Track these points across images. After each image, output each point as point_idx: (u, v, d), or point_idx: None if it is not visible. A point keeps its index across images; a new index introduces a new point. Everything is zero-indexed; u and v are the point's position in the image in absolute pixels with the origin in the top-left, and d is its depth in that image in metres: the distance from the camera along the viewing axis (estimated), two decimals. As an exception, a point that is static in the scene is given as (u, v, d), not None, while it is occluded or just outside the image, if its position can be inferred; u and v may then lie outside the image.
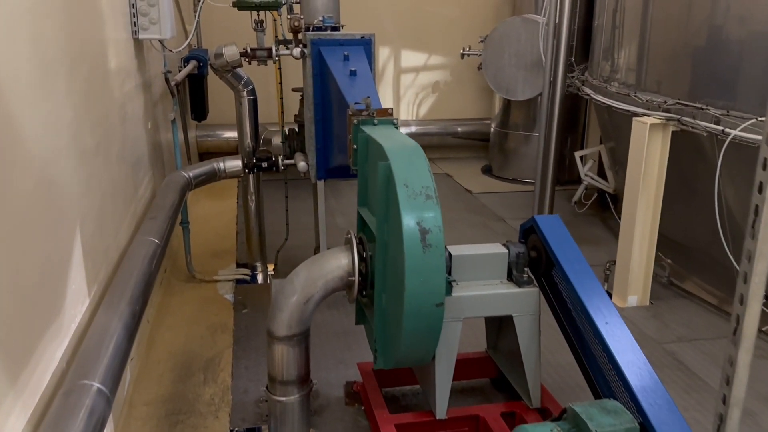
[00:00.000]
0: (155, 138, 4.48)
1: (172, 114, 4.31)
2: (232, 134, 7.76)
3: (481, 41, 7.64)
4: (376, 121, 3.16)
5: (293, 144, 7.38)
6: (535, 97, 7.17)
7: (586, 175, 6.14)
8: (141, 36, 3.84)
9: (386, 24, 8.22)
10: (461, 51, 7.83)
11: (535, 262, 3.03)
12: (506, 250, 3.02)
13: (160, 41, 4.06)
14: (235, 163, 4.54)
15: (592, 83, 5.39)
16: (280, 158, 4.60)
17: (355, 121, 3.14)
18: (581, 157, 6.38)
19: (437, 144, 8.59)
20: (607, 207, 6.34)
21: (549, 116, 5.20)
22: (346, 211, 6.45)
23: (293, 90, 7.10)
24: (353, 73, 3.74)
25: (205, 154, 8.05)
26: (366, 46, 4.23)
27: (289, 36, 4.32)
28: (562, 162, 7.60)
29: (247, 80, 4.63)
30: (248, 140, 4.81)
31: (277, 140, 7.45)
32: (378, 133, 3.00)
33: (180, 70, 5.95)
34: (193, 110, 6.67)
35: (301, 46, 4.16)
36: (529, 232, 3.13)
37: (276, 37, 4.46)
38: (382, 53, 8.36)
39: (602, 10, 5.56)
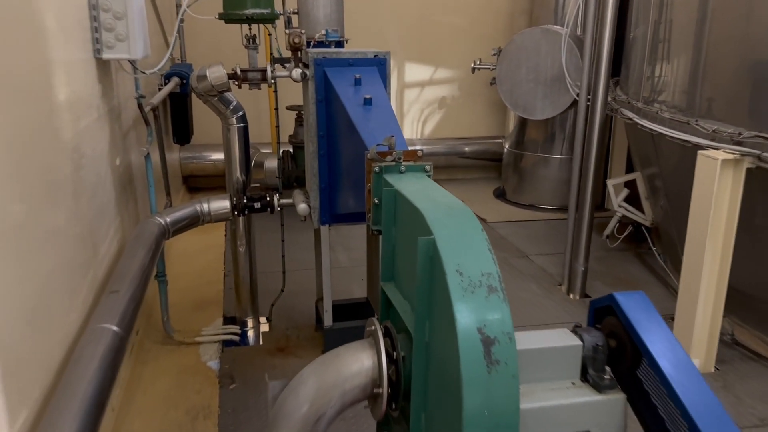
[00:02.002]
0: (126, 175, 3.74)
1: (144, 148, 3.57)
2: (220, 156, 6.98)
3: (494, 54, 6.97)
4: (403, 168, 2.44)
5: (288, 167, 6.72)
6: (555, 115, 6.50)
7: (619, 206, 5.45)
8: (105, 56, 3.11)
9: (389, 35, 7.53)
10: (472, 64, 7.16)
11: (616, 356, 2.31)
12: (579, 341, 2.30)
13: (131, 62, 3.34)
14: (221, 204, 3.80)
15: (633, 105, 4.70)
16: (275, 197, 3.87)
17: (377, 169, 2.41)
18: (614, 186, 5.69)
19: (444, 164, 7.89)
20: (642, 241, 5.66)
21: (587, 141, 4.51)
22: (351, 245, 5.73)
23: (288, 108, 6.40)
24: (368, 102, 3.02)
25: (190, 178, 7.32)
26: (380, 66, 3.52)
27: (287, 53, 3.60)
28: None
29: (237, 105, 3.90)
30: (237, 174, 4.08)
31: (270, 163, 6.76)
32: (408, 186, 2.28)
33: (160, 89, 5.23)
34: (175, 133, 5.95)
35: (301, 65, 3.44)
36: (604, 312, 2.41)
37: (271, 54, 3.73)
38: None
39: (640, 19, 4.89)
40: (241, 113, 3.97)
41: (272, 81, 3.47)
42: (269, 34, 3.73)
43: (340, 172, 3.48)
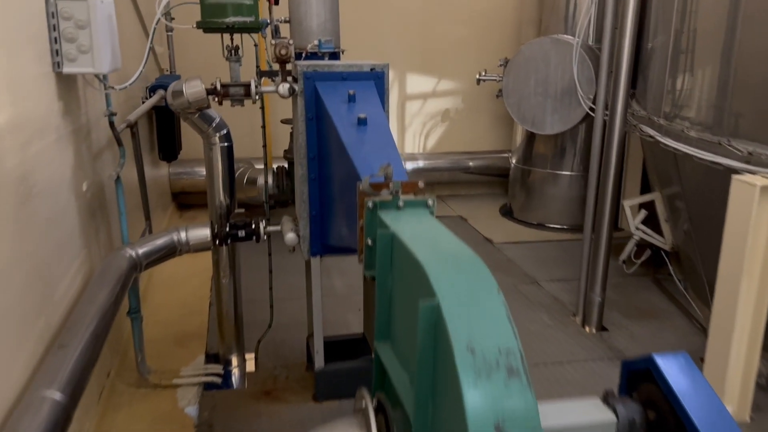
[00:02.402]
0: (97, 200, 3.37)
1: (114, 172, 3.21)
2: (212, 171, 6.68)
3: (501, 65, 6.61)
4: (401, 203, 2.07)
5: (282, 184, 6.36)
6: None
7: (637, 228, 5.07)
8: (66, 70, 2.75)
9: (390, 44, 7.17)
10: (477, 76, 6.81)
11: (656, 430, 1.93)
12: (612, 415, 1.92)
13: (97, 76, 2.98)
14: (201, 233, 3.42)
15: (654, 121, 4.33)
16: (261, 224, 3.49)
17: (370, 204, 2.04)
18: (630, 207, 5.31)
19: (447, 180, 7.52)
20: (660, 265, 5.27)
21: (604, 160, 4.13)
22: (346, 269, 5.35)
23: (283, 122, 6.04)
24: (362, 122, 2.65)
25: (180, 195, 6.95)
26: (377, 80, 3.15)
27: (275, 66, 3.24)
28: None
29: (220, 122, 3.54)
30: (221, 197, 3.72)
31: (263, 180, 6.40)
32: (407, 228, 1.90)
33: (143, 102, 4.88)
34: (162, 149, 5.60)
35: (289, 79, 3.08)
36: (639, 376, 2.04)
37: (257, 67, 3.37)
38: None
39: (659, 28, 4.52)
40: (224, 131, 3.60)
41: (257, 97, 3.11)
42: (255, 45, 3.36)
43: (332, 199, 3.11)
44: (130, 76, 3.30)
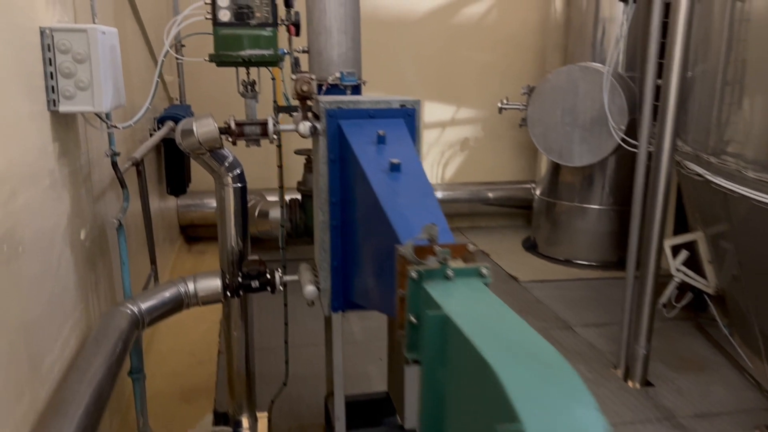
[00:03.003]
0: (97, 248, 3.06)
1: (116, 220, 2.90)
2: (222, 203, 6.39)
3: (524, 93, 6.32)
4: (450, 272, 1.74)
5: (296, 218, 6.04)
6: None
7: (678, 269, 4.71)
8: (63, 108, 2.45)
9: (407, 71, 6.90)
10: (499, 104, 6.51)
11: None
12: None
13: (98, 115, 2.69)
14: (210, 284, 3.11)
15: (702, 158, 3.99)
16: (277, 273, 3.17)
17: (414, 274, 1.71)
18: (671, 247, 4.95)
19: (467, 212, 7.20)
20: (703, 309, 4.90)
21: (649, 201, 3.79)
22: (365, 313, 4.98)
23: (297, 152, 5.75)
24: (395, 168, 2.33)
25: (189, 228, 6.65)
26: (408, 118, 2.84)
27: (294, 101, 2.94)
28: (626, 238, 6.18)
29: (233, 161, 3.23)
30: (232, 243, 3.40)
31: (276, 213, 6.11)
32: (463, 308, 1.57)
33: (151, 135, 4.60)
34: (170, 183, 5.31)
35: (310, 117, 2.78)
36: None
37: (274, 102, 3.07)
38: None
39: (699, 57, 4.21)
40: (238, 171, 3.29)
41: (275, 136, 2.80)
42: (272, 78, 3.07)
43: (358, 249, 2.78)
44: (137, 108, 3.01)
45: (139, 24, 4.52)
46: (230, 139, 2.78)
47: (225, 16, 2.61)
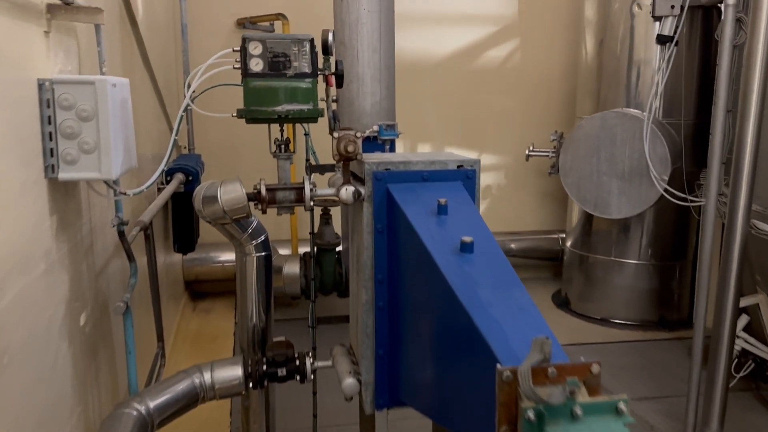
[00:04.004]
0: (99, 331, 2.61)
1: (122, 303, 2.45)
2: (230, 257, 5.93)
3: (554, 139, 5.96)
4: (579, 410, 1.30)
5: (309, 273, 5.60)
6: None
7: (737, 336, 4.26)
8: (64, 175, 2.04)
9: (428, 115, 6.56)
10: (526, 151, 6.14)
11: None
12: None
13: (106, 182, 2.27)
14: (230, 374, 2.64)
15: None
16: (307, 359, 2.71)
17: (530, 414, 1.27)
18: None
19: (489, 264, 6.74)
20: (764, 379, 4.44)
21: (725, 273, 3.36)
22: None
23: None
24: (467, 248, 1.91)
25: (194, 284, 6.18)
26: (467, 181, 2.44)
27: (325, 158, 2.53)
28: (667, 293, 5.80)
29: (257, 227, 2.81)
30: (254, 321, 2.96)
31: (291, 268, 5.66)
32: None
33: (159, 190, 4.19)
34: (177, 239, 4.88)
35: (352, 180, 2.37)
36: None
37: (307, 161, 2.66)
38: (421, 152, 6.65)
39: None
40: (262, 237, 2.87)
41: (312, 204, 2.39)
42: (306, 134, 2.67)
43: (410, 336, 2.34)
44: (144, 162, 2.61)
45: (148, 69, 4.16)
46: (260, 207, 2.36)
47: (258, 65, 2.22)
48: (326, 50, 2.36)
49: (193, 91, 2.45)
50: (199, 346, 5.09)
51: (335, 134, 2.28)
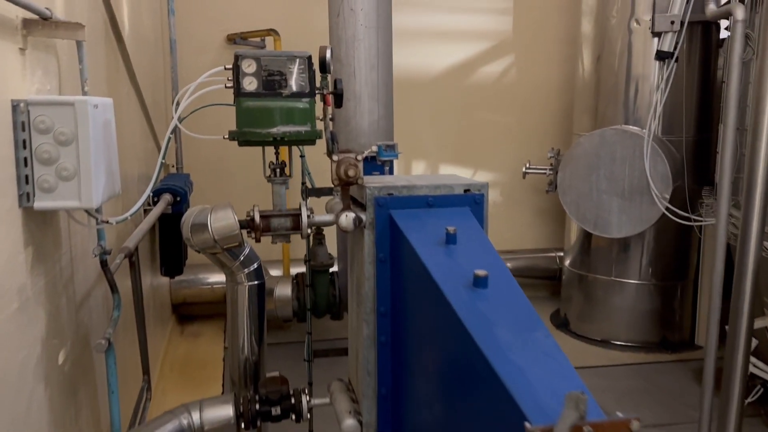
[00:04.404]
0: (79, 370, 2.43)
1: (103, 340, 2.27)
2: (218, 278, 5.75)
3: (551, 156, 5.85)
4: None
5: (302, 297, 5.43)
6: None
7: (746, 360, 4.12)
8: (40, 204, 1.88)
9: (422, 132, 6.43)
10: (523, 168, 6.02)
11: None
12: None
13: (87, 212, 2.10)
14: (220, 413, 2.47)
15: (783, 237, 3.47)
16: (304, 397, 2.54)
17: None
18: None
19: (486, 283, 6.60)
20: (773, 405, 4.31)
21: (735, 294, 3.23)
22: None
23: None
24: (481, 283, 1.76)
25: (182, 306, 5.98)
26: (475, 207, 2.30)
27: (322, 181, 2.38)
28: (669, 314, 5.67)
29: (250, 254, 2.65)
30: (246, 354, 2.78)
31: (283, 290, 5.49)
32: None
33: (145, 212, 4.02)
34: (164, 262, 4.69)
35: (352, 205, 2.22)
36: None
37: (303, 185, 2.50)
38: (416, 171, 6.52)
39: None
40: (255, 265, 2.71)
41: (309, 230, 2.23)
42: (302, 156, 2.52)
43: (415, 374, 2.18)
44: (129, 181, 2.45)
45: (134, 86, 4.00)
46: (253, 235, 2.20)
47: (251, 84, 2.08)
48: (324, 68, 2.22)
49: (181, 114, 2.29)
50: (187, 373, 4.89)
51: (335, 157, 2.13)
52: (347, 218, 2.16)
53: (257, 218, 2.19)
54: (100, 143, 1.96)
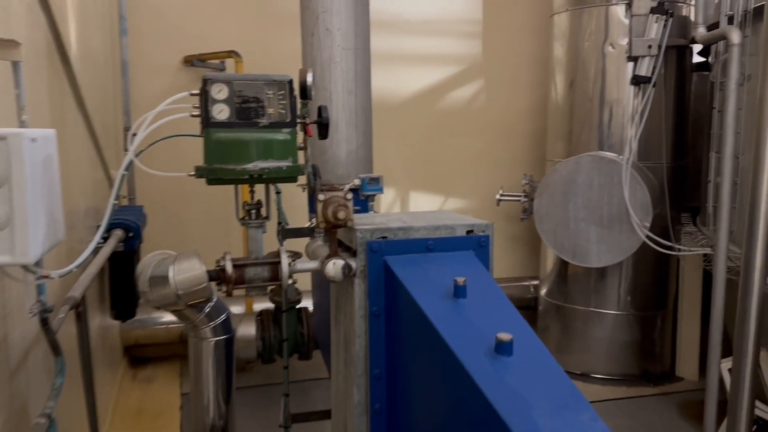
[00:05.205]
0: (11, 447, 2.04)
1: (43, 418, 1.89)
2: (173, 317, 5.33)
3: (526, 183, 5.68)
4: None
5: (269, 336, 5.06)
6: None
7: (738, 396, 3.95)
8: (-40, 258, 1.52)
9: (392, 158, 6.19)
10: (497, 195, 5.83)
11: None
12: None
13: (25, 267, 1.74)
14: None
15: None
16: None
17: None
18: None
19: (458, 314, 6.34)
20: (767, 442, 4.13)
21: (738, 336, 3.04)
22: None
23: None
24: (504, 349, 1.48)
25: (134, 348, 5.52)
26: (479, 250, 2.03)
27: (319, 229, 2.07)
28: (649, 345, 5.50)
29: (217, 305, 2.31)
30: (212, 415, 2.43)
31: (246, 330, 5.11)
32: None
33: (95, 252, 3.61)
34: (115, 305, 4.27)
35: (340, 251, 1.92)
36: None
37: (279, 224, 2.19)
38: (385, 199, 6.25)
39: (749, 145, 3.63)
40: (223, 317, 2.37)
41: (290, 281, 1.92)
42: (278, 192, 2.21)
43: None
44: (76, 215, 2.09)
45: (82, 111, 3.63)
46: (224, 289, 1.87)
47: (222, 112, 1.77)
48: (305, 93, 1.93)
49: (136, 148, 1.96)
50: (141, 424, 4.45)
51: (320, 196, 1.83)
52: (335, 266, 1.87)
53: (229, 268, 1.87)
54: (38, 184, 1.62)
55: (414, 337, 1.78)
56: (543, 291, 5.87)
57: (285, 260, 1.92)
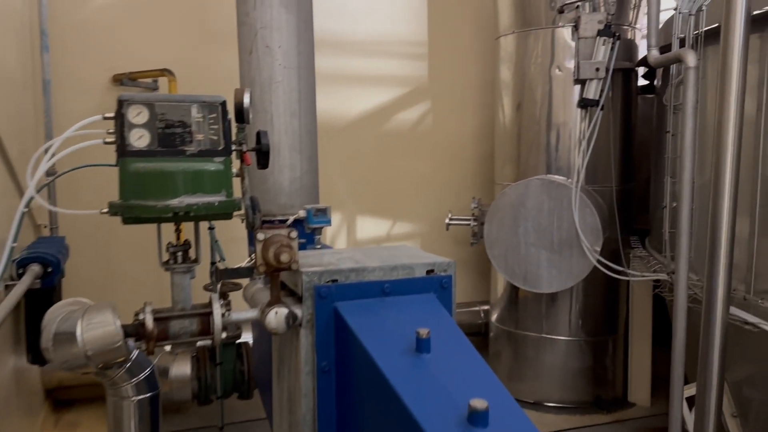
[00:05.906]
0: None
1: None
2: (104, 355, 4.89)
3: (475, 207, 5.54)
4: None
5: (205, 375, 4.70)
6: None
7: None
8: None
9: (337, 181, 5.96)
10: (447, 219, 5.67)
11: None
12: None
13: None
14: None
15: (742, 298, 3.24)
16: None
17: None
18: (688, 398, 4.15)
19: (407, 343, 6.12)
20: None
21: (704, 367, 2.93)
22: None
23: (205, 288, 4.50)
24: (479, 420, 1.25)
25: (57, 391, 5.04)
26: (441, 292, 1.81)
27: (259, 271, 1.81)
28: (601, 371, 5.40)
29: (139, 359, 2.00)
30: (138, 485, 2.10)
31: (180, 369, 4.74)
32: None
33: (7, 288, 3.24)
34: (31, 347, 3.85)
35: (285, 296, 1.67)
36: None
37: (212, 265, 1.91)
38: (331, 224, 5.98)
39: (701, 169, 3.57)
40: (147, 371, 2.07)
41: (224, 335, 1.65)
42: (211, 228, 1.94)
43: None
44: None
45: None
46: (144, 347, 1.58)
47: (141, 139, 1.50)
48: (241, 116, 1.69)
49: (48, 173, 1.66)
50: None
51: (260, 235, 1.58)
52: (278, 316, 1.61)
53: (149, 323, 1.58)
54: None
55: (371, 399, 1.54)
56: (494, 317, 5.72)
57: (218, 310, 1.65)
